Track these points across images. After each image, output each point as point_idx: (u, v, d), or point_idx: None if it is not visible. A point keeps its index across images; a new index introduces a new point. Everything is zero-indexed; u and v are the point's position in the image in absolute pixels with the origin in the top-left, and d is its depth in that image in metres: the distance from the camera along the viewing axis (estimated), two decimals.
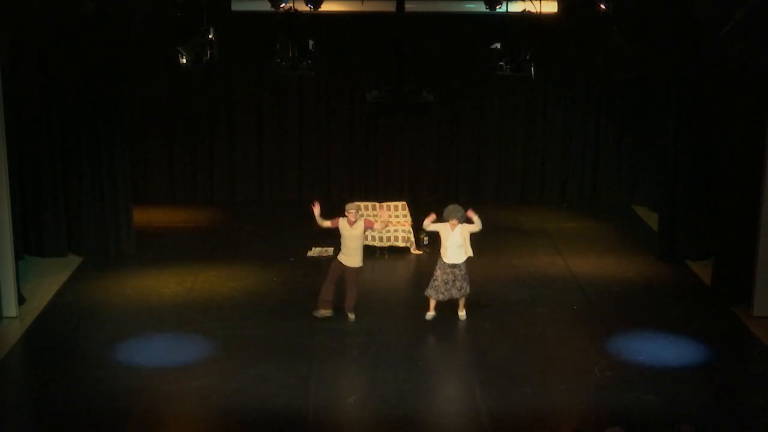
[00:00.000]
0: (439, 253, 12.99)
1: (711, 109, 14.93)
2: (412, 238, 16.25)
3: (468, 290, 13.05)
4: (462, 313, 13.18)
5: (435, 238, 16.16)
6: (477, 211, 12.97)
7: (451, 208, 12.93)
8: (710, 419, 10.56)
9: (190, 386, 11.19)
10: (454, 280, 12.90)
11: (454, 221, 12.80)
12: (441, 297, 12.98)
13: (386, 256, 16.00)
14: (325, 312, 13.02)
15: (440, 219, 12.95)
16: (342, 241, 12.93)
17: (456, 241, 12.79)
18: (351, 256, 12.87)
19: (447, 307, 13.15)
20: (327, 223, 12.92)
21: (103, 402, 10.77)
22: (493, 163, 19.35)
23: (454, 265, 12.87)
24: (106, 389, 11.05)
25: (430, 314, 13.11)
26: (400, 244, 16.17)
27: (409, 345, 12.50)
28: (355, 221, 12.84)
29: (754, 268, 13.26)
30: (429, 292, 13.04)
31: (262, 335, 12.67)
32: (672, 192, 15.59)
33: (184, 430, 10.47)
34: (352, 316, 13.01)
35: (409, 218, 16.64)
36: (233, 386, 11.14)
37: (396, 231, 16.22)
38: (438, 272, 12.95)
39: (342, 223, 12.86)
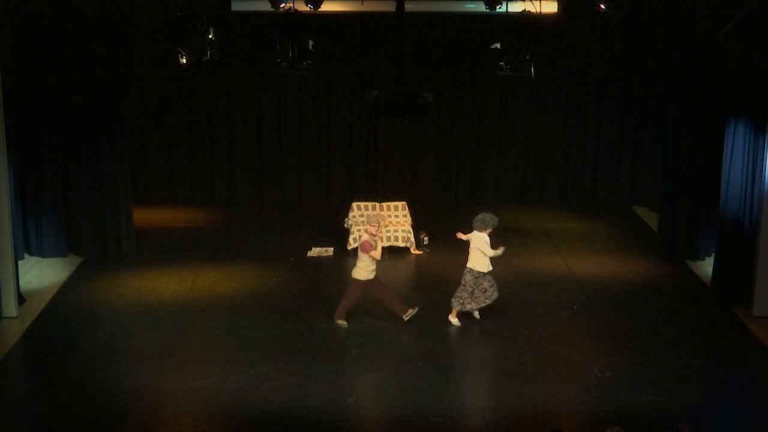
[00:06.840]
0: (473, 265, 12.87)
1: (711, 109, 14.93)
2: (412, 238, 16.24)
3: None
4: (455, 320, 13.14)
5: (436, 238, 16.25)
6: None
7: (488, 218, 12.77)
8: (710, 419, 10.57)
9: (190, 386, 11.20)
10: (492, 287, 12.94)
11: (489, 230, 12.78)
12: (472, 306, 13.02)
13: (386, 256, 15.96)
14: (412, 311, 12.97)
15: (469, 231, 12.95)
16: (364, 257, 12.72)
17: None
18: (375, 269, 12.86)
19: (447, 310, 13.16)
20: (379, 253, 12.76)
21: (103, 402, 10.77)
22: (493, 163, 19.35)
23: (490, 272, 12.91)
24: (106, 389, 11.06)
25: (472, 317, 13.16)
26: (400, 244, 16.17)
27: (409, 345, 12.52)
28: (377, 234, 12.83)
29: (754, 268, 13.27)
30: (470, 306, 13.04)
31: (262, 335, 12.67)
32: (672, 192, 15.59)
33: (184, 430, 10.48)
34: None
35: (409, 218, 16.63)
36: (233, 386, 11.15)
37: (396, 231, 16.21)
38: (485, 283, 12.89)
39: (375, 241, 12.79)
